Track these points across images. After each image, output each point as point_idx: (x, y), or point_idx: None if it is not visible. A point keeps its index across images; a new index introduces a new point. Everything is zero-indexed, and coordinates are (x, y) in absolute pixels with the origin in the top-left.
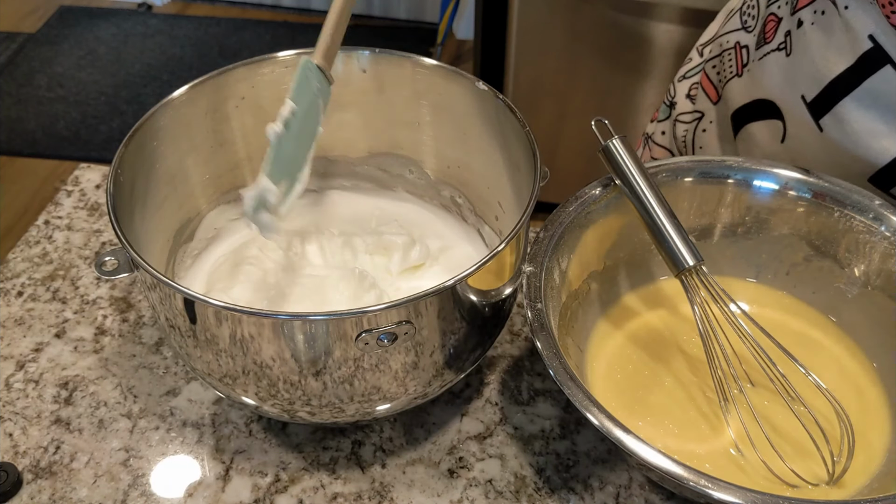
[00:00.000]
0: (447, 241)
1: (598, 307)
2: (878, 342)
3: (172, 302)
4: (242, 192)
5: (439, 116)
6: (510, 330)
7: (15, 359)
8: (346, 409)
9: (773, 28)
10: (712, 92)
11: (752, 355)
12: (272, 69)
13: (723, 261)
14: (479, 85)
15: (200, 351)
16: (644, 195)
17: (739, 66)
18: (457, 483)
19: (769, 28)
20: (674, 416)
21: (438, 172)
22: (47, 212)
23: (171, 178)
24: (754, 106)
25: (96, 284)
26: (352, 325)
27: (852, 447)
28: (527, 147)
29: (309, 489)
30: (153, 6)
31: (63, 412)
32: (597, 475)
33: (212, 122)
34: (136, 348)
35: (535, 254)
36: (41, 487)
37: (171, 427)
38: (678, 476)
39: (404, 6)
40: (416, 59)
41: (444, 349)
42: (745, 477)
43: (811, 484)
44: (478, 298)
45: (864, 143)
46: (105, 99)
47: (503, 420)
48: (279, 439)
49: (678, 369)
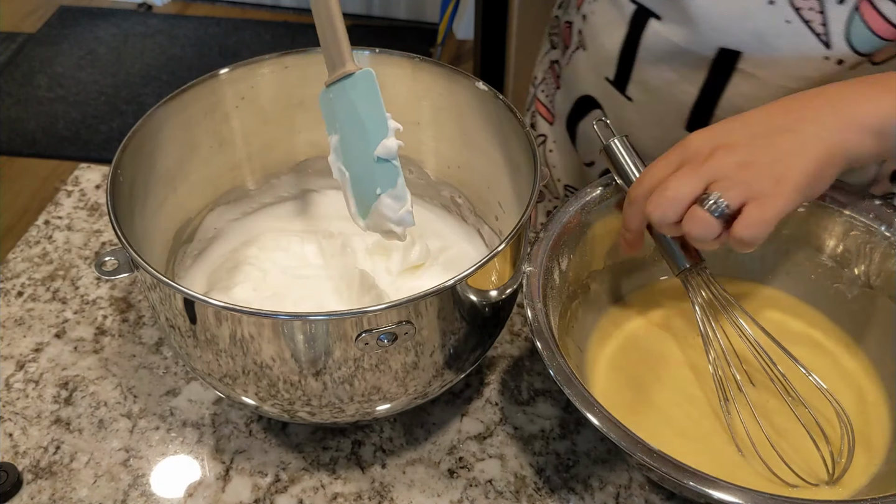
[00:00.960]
0: (447, 241)
1: (598, 307)
2: (878, 342)
3: (172, 302)
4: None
5: (439, 116)
6: (510, 330)
7: (15, 359)
8: (346, 409)
9: (568, 33)
10: (546, 114)
11: (753, 355)
12: (272, 69)
13: (723, 261)
14: (479, 85)
15: (200, 351)
16: None
17: (556, 79)
18: (457, 483)
19: (566, 34)
20: (674, 415)
21: (438, 172)
22: (47, 212)
23: (171, 178)
24: (577, 106)
25: (96, 284)
26: (352, 326)
27: (852, 447)
28: (527, 147)
29: (309, 489)
30: (153, 6)
31: (63, 412)
32: (597, 475)
33: (212, 122)
34: (136, 348)
35: (535, 254)
36: (41, 487)
37: (171, 427)
38: (678, 476)
39: (404, 6)
40: (416, 59)
41: (444, 349)
42: (745, 477)
43: (811, 484)
44: (478, 298)
45: (667, 96)
46: (105, 99)
47: (503, 420)
48: (279, 439)
49: (678, 369)
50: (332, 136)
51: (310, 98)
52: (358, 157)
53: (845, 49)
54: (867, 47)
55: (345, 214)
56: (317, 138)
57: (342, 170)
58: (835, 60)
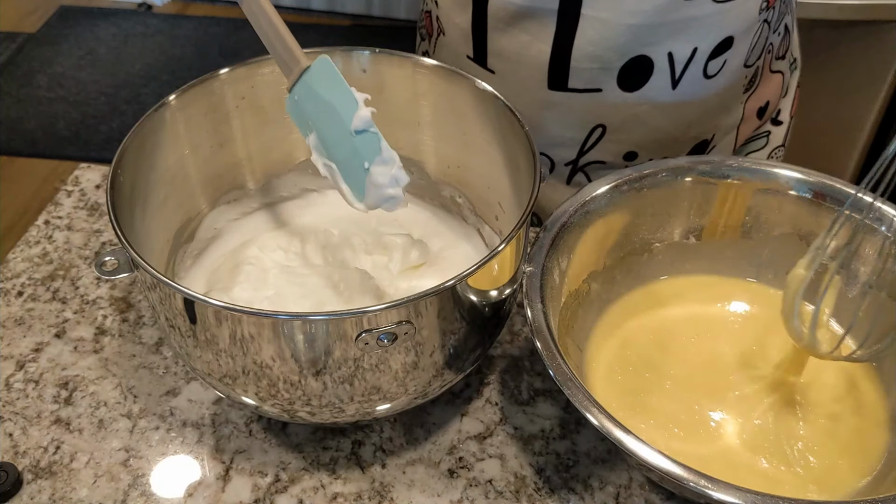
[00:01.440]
0: (447, 241)
1: (598, 307)
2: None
3: (172, 302)
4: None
5: (439, 116)
6: (510, 330)
7: (15, 359)
8: (346, 409)
9: (429, 21)
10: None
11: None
12: (272, 69)
13: (723, 261)
14: (479, 85)
15: (200, 351)
16: None
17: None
18: (457, 483)
19: (428, 24)
20: (673, 415)
21: (438, 172)
22: (47, 212)
23: (171, 178)
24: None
25: (96, 284)
26: (352, 325)
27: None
28: (527, 147)
29: (309, 489)
30: (153, 6)
31: (63, 412)
32: (597, 475)
33: (212, 122)
34: (136, 348)
35: (535, 254)
36: (41, 487)
37: (171, 427)
38: (678, 476)
39: (404, 6)
40: (416, 59)
41: (444, 349)
42: (745, 477)
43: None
44: (478, 298)
45: (525, 59)
46: (105, 99)
47: (503, 420)
48: (279, 439)
49: (678, 369)
50: (308, 138)
51: None
52: (338, 141)
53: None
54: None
55: (345, 214)
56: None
57: (327, 164)
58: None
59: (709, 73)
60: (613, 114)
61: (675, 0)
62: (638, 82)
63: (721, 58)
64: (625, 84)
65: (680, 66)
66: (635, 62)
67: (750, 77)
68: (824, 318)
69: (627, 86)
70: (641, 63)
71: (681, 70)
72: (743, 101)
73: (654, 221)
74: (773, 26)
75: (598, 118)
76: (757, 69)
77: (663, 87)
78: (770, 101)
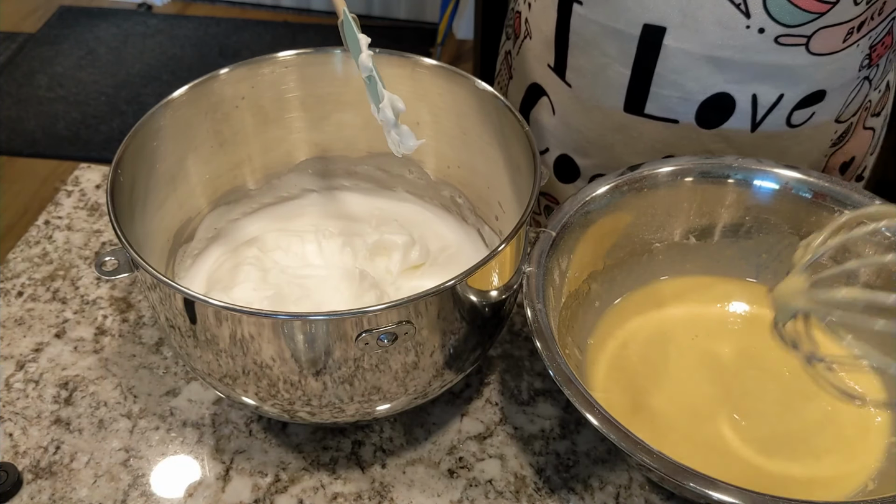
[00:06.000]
0: (447, 241)
1: (598, 307)
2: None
3: (172, 302)
4: (380, 117)
5: (439, 116)
6: (510, 330)
7: (15, 359)
8: (346, 409)
9: (518, 22)
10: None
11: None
12: (272, 69)
13: (723, 261)
14: (479, 85)
15: (200, 351)
16: None
17: (508, 70)
18: (457, 483)
19: (517, 24)
20: (673, 415)
21: (438, 172)
22: (47, 212)
23: (171, 178)
24: (528, 94)
25: (96, 284)
26: (352, 325)
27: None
28: (527, 147)
29: (309, 489)
30: (153, 6)
31: (63, 412)
32: (597, 475)
33: (212, 122)
34: (136, 348)
35: (534, 254)
36: (41, 487)
37: (171, 427)
38: (678, 476)
39: (404, 6)
40: (416, 59)
41: (444, 349)
42: (745, 478)
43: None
44: (478, 298)
45: (602, 80)
46: (105, 99)
47: (503, 420)
48: (279, 439)
49: (678, 369)
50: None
51: (310, 98)
52: (371, 94)
53: (764, 17)
54: (789, 18)
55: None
56: (317, 138)
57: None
58: (756, 29)
59: (793, 123)
60: (686, 147)
61: (766, 41)
62: (717, 120)
63: (809, 109)
64: (703, 119)
65: (763, 109)
66: (717, 98)
67: (840, 133)
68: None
69: (705, 121)
70: (723, 100)
71: (763, 114)
72: (827, 154)
73: (654, 222)
74: (875, 84)
75: (669, 148)
76: (850, 125)
77: (742, 128)
78: (856, 157)
